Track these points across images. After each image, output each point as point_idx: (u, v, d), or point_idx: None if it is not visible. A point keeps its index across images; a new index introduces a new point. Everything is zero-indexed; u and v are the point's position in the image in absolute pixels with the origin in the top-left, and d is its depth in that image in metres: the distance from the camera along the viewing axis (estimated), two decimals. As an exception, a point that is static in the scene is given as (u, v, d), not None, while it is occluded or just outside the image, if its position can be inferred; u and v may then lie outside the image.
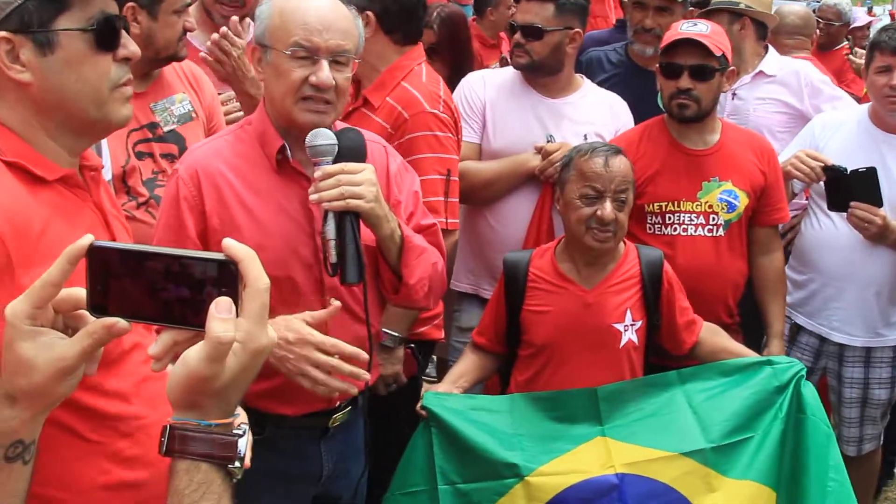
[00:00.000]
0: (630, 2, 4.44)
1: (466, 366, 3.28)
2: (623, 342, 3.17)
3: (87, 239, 1.18)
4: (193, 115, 3.27)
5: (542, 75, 3.80)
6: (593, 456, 3.01)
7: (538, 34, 3.70)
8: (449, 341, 4.00)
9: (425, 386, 3.32)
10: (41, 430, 1.28)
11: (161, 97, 3.20)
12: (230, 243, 1.16)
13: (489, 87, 3.87)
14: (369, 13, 3.33)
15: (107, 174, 2.92)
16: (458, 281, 3.98)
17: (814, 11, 6.84)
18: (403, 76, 3.41)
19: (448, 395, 3.11)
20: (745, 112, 4.33)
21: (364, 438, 2.76)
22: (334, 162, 2.40)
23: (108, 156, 2.96)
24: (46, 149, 1.75)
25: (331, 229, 2.41)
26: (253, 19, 3.68)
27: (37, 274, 1.53)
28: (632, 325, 3.18)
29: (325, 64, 2.41)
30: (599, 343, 3.15)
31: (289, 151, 2.50)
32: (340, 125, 2.63)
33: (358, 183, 2.38)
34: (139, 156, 3.11)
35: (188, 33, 3.19)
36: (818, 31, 6.56)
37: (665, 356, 3.35)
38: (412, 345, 3.38)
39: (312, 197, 2.40)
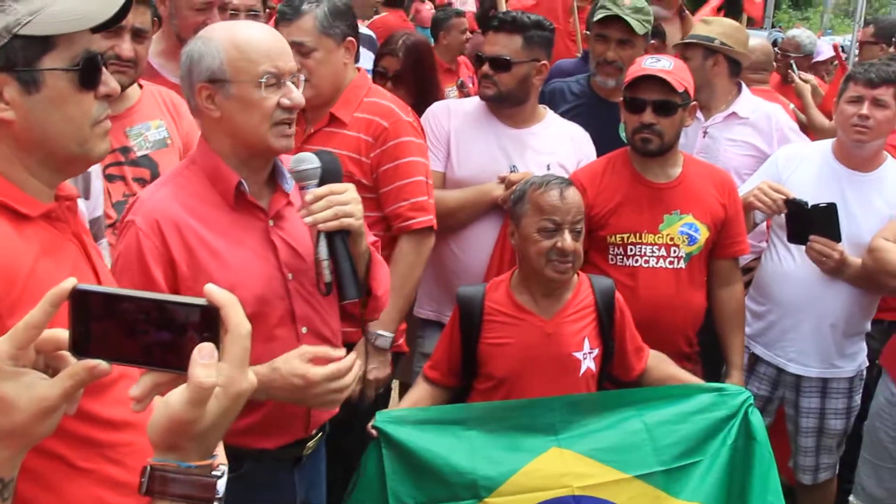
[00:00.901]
0: (592, 34, 4.51)
1: (420, 395, 3.29)
2: (582, 370, 3.20)
3: (69, 282, 1.19)
4: (169, 141, 3.26)
5: (507, 106, 3.85)
6: (550, 471, 3.03)
7: (506, 66, 3.74)
8: (412, 367, 4.01)
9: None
10: (20, 466, 1.27)
11: (137, 122, 3.20)
12: (212, 289, 1.17)
13: (454, 116, 3.91)
14: (353, 40, 3.40)
15: (98, 209, 2.91)
16: (421, 308, 4.00)
17: (775, 43, 6.98)
18: (366, 93, 3.48)
19: (399, 411, 3.14)
20: (714, 151, 4.37)
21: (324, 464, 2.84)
22: (319, 184, 2.47)
23: (102, 191, 2.95)
24: (27, 185, 1.75)
25: (323, 250, 2.48)
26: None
27: (17, 318, 1.55)
28: (590, 352, 3.22)
29: (291, 85, 2.45)
30: (560, 372, 3.18)
31: (245, 186, 2.49)
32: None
33: (347, 202, 2.47)
34: (110, 178, 3.10)
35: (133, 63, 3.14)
36: (777, 63, 6.68)
37: (616, 382, 3.40)
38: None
39: (307, 219, 2.45)
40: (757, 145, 4.39)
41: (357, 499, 3.00)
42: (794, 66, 6.94)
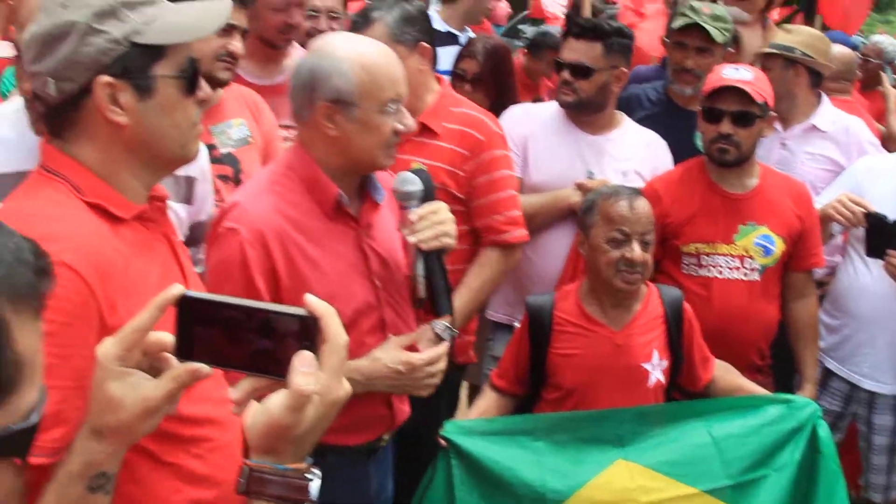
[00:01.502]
0: (671, 42, 4.49)
1: (487, 405, 3.31)
2: (651, 382, 3.20)
3: (177, 289, 1.25)
4: (251, 139, 3.32)
5: (586, 113, 3.86)
6: (617, 485, 3.03)
7: (586, 73, 3.75)
8: (482, 369, 4.05)
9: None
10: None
11: (220, 121, 3.26)
12: (312, 300, 1.22)
13: (531, 121, 3.92)
14: (425, 45, 3.38)
15: (202, 214, 2.94)
16: (494, 311, 4.02)
17: (856, 48, 6.84)
18: (453, 102, 3.49)
19: (467, 422, 3.16)
20: (792, 164, 4.29)
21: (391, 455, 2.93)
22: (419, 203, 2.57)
23: (209, 194, 2.98)
24: (126, 187, 1.83)
25: (420, 267, 2.57)
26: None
27: (122, 312, 1.64)
28: (658, 364, 3.22)
29: (404, 109, 2.54)
30: (629, 383, 3.18)
31: (344, 198, 2.55)
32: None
33: (444, 221, 2.57)
34: None
35: (237, 60, 3.20)
36: (858, 70, 6.56)
37: (683, 393, 3.39)
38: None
39: (410, 238, 2.54)
40: (835, 159, 4.31)
41: None
42: (886, 70, 6.81)
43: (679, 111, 4.36)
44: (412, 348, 2.65)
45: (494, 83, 4.47)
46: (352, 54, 2.49)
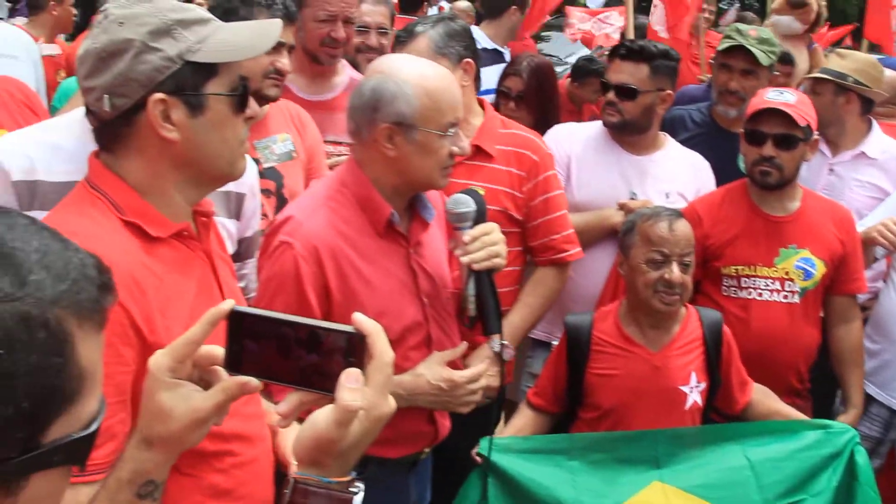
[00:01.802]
0: (716, 63, 4.50)
1: (523, 422, 3.33)
2: (688, 404, 3.21)
3: (228, 304, 1.29)
4: (294, 154, 3.35)
5: (630, 133, 3.88)
6: None
7: (632, 95, 3.78)
8: (519, 386, 4.07)
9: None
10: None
11: (264, 135, 3.30)
12: (360, 318, 1.25)
13: (575, 141, 3.94)
14: (470, 61, 3.40)
15: (248, 230, 2.95)
16: (533, 328, 4.04)
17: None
18: (499, 123, 3.52)
19: (504, 439, 3.16)
20: (840, 190, 4.27)
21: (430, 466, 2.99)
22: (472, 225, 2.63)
23: (256, 210, 2.98)
24: (168, 203, 1.87)
25: (472, 287, 2.65)
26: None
27: (160, 328, 1.70)
28: (696, 386, 3.22)
29: (461, 133, 2.60)
30: (667, 405, 3.19)
31: (396, 217, 2.60)
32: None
33: (496, 242, 2.63)
34: None
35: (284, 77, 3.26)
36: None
37: (720, 415, 3.39)
38: None
39: (464, 259, 2.61)
40: (884, 188, 4.27)
41: None
42: None
43: (723, 133, 4.37)
44: (455, 364, 2.70)
45: (538, 101, 4.52)
46: (416, 78, 2.53)
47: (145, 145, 1.83)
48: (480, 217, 2.67)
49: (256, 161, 3.25)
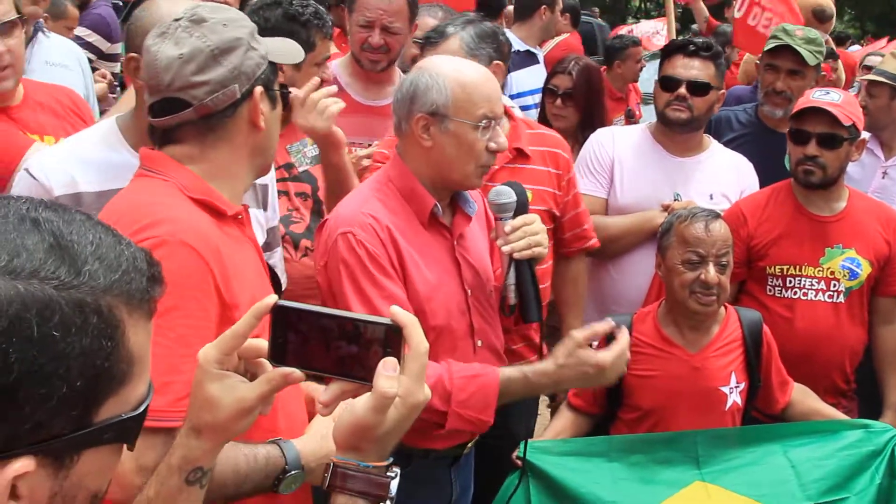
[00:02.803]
0: (762, 63, 4.49)
1: (564, 424, 3.34)
2: (728, 404, 3.20)
3: (272, 298, 1.34)
4: None
5: (687, 131, 3.87)
6: (695, 503, 3.04)
7: (705, 90, 3.78)
8: None
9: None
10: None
11: (296, 139, 3.36)
12: (397, 310, 1.31)
13: (618, 144, 3.95)
14: (500, 63, 3.48)
15: (274, 220, 3.06)
16: None
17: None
18: (525, 124, 3.59)
19: (544, 442, 3.18)
20: (892, 193, 4.25)
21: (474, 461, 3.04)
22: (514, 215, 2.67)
23: (277, 202, 3.11)
24: (233, 187, 2.07)
25: (512, 275, 2.69)
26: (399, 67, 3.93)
27: (234, 290, 1.90)
28: (736, 387, 3.22)
29: (499, 129, 2.65)
30: (706, 406, 3.19)
31: (439, 209, 2.68)
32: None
33: (537, 232, 2.67)
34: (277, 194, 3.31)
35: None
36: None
37: (761, 414, 3.39)
38: None
39: (505, 248, 2.65)
40: None
41: None
42: None
43: (769, 133, 4.37)
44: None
45: (586, 99, 4.55)
46: (450, 71, 2.63)
47: (237, 134, 2.03)
48: (521, 208, 2.71)
49: (290, 165, 3.35)
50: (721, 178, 3.92)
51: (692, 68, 3.80)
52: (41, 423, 0.92)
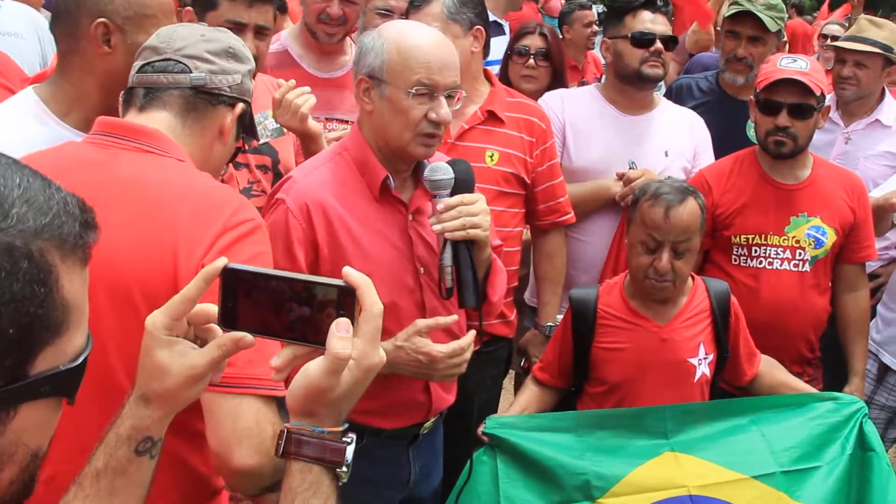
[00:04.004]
0: (723, 30, 4.45)
1: (529, 398, 3.29)
2: (697, 376, 3.16)
3: (221, 261, 1.30)
4: (284, 130, 3.34)
5: (643, 88, 3.85)
6: (665, 472, 3.00)
7: (674, 44, 3.85)
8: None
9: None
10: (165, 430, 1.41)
11: (256, 112, 3.28)
12: (350, 271, 1.27)
13: (568, 106, 3.87)
14: (481, 28, 3.41)
15: None
16: (532, 296, 3.97)
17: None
18: (505, 91, 3.55)
19: (509, 418, 3.14)
20: (854, 159, 4.24)
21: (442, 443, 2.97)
22: (451, 194, 2.53)
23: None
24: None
25: (448, 256, 2.55)
26: (353, 39, 3.83)
27: None
28: (704, 358, 3.18)
29: (443, 101, 2.51)
30: (675, 378, 3.14)
31: (391, 181, 2.59)
32: (442, 156, 2.73)
33: (476, 213, 2.53)
34: (236, 166, 3.20)
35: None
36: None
37: (727, 385, 3.37)
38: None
39: (435, 227, 2.52)
40: None
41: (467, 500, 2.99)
42: None
43: (730, 101, 4.34)
44: (450, 332, 2.66)
45: (557, 61, 4.46)
46: (393, 34, 2.54)
47: (208, 129, 2.11)
48: (463, 187, 2.57)
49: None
50: (674, 133, 3.88)
51: (659, 23, 3.77)
52: None
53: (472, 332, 2.63)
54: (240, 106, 2.14)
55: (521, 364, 3.83)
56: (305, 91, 3.08)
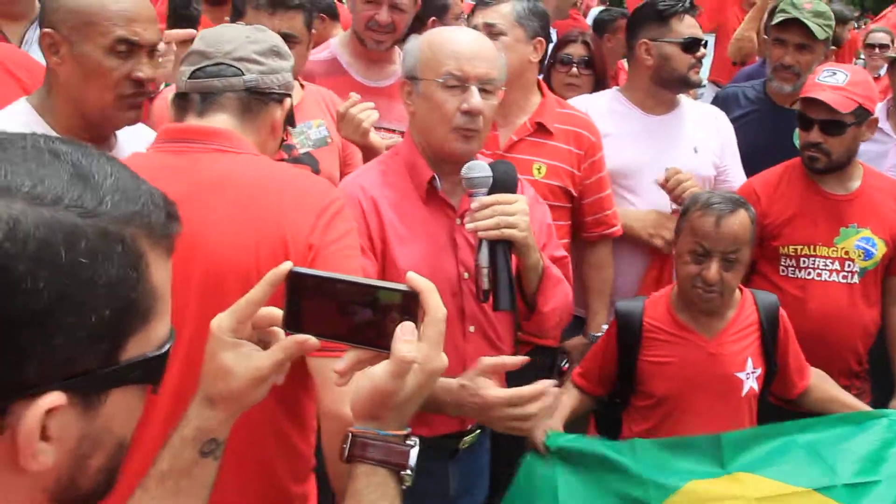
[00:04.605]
0: (770, 38, 4.41)
1: (573, 401, 3.24)
2: (745, 391, 3.12)
3: (286, 265, 1.33)
4: (329, 140, 3.35)
5: (672, 91, 3.87)
6: (724, 487, 2.97)
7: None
8: None
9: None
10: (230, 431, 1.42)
11: (300, 121, 3.29)
12: (414, 276, 1.29)
13: (594, 111, 3.80)
14: (542, 41, 3.46)
15: None
16: (577, 306, 3.94)
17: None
18: (557, 103, 3.56)
19: (569, 436, 3.09)
20: None
21: (489, 460, 2.90)
22: (489, 193, 2.48)
23: None
24: None
25: (484, 257, 2.47)
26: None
27: None
28: (752, 372, 3.14)
29: (475, 90, 2.49)
30: (723, 392, 3.11)
31: (437, 182, 2.58)
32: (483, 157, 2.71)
33: (512, 213, 2.46)
34: None
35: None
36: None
37: (777, 399, 3.33)
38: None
39: (469, 226, 2.47)
40: None
41: None
42: None
43: (778, 109, 4.30)
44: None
45: (600, 69, 4.46)
46: (429, 35, 2.58)
47: (262, 126, 2.20)
48: (502, 187, 2.51)
49: (292, 147, 3.29)
50: (701, 130, 3.87)
51: (696, 26, 3.79)
52: (71, 357, 0.90)
53: (544, 383, 2.41)
54: (287, 101, 2.24)
55: (562, 364, 3.81)
56: (368, 106, 3.12)
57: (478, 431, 2.81)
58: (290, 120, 2.33)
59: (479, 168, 2.50)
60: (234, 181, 2.06)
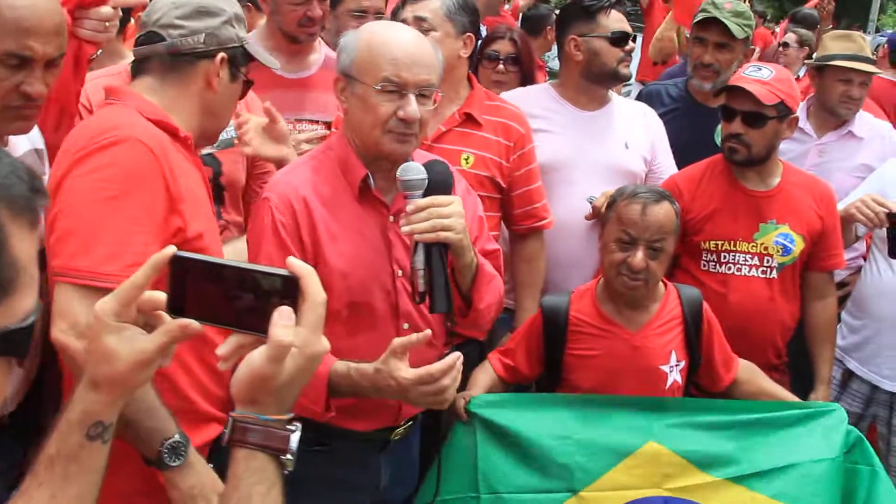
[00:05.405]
0: (691, 37, 4.46)
1: (489, 385, 3.20)
2: (669, 383, 3.15)
3: (170, 249, 1.34)
4: (235, 141, 3.24)
5: (598, 86, 3.88)
6: (644, 470, 3.00)
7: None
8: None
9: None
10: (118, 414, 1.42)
11: None
12: (293, 261, 1.31)
13: (526, 105, 3.78)
14: (472, 36, 3.44)
15: None
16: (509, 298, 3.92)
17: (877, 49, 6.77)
18: (486, 95, 3.54)
19: (495, 396, 3.10)
20: (828, 171, 4.24)
21: (420, 448, 2.94)
22: (424, 194, 2.45)
23: None
24: (181, 122, 2.38)
25: (420, 259, 2.46)
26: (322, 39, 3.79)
27: (181, 188, 2.24)
28: (676, 365, 3.17)
29: (412, 98, 2.47)
30: (646, 385, 3.13)
31: (371, 180, 2.55)
32: (426, 156, 2.68)
33: (448, 216, 2.44)
34: None
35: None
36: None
37: (701, 392, 3.35)
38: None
39: (404, 229, 2.45)
40: (870, 165, 4.25)
41: (443, 481, 2.97)
42: None
43: (699, 107, 4.36)
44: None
45: (527, 66, 4.45)
46: (367, 33, 2.55)
47: (191, 82, 2.40)
48: (441, 189, 2.49)
49: None
50: (632, 126, 3.90)
51: (623, 21, 3.81)
52: None
53: (452, 357, 2.42)
54: (220, 56, 2.38)
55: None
56: (315, 138, 3.22)
57: (409, 423, 2.81)
58: (249, 61, 2.52)
59: (415, 170, 2.47)
60: (83, 125, 2.36)
